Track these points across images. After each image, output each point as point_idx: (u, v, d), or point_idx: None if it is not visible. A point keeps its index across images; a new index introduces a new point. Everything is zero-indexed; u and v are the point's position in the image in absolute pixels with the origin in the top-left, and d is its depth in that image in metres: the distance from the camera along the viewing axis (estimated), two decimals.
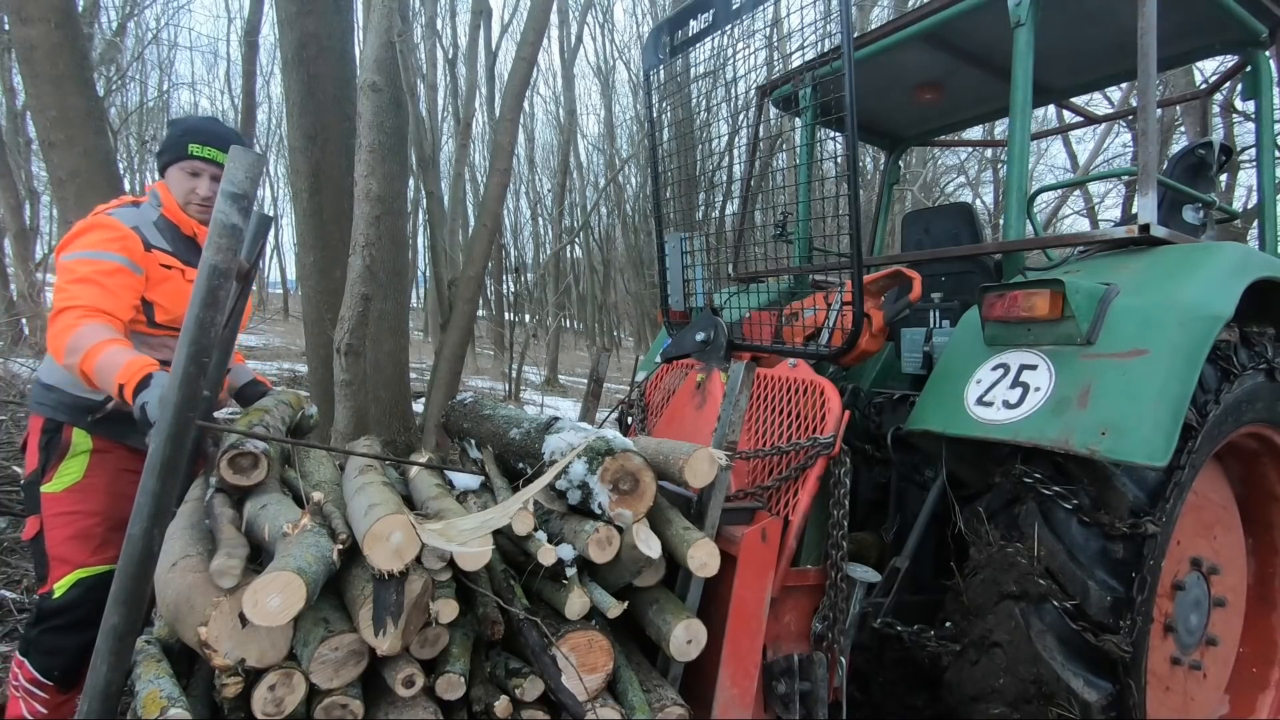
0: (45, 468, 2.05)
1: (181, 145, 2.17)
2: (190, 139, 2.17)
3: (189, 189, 2.19)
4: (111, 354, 1.79)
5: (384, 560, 1.32)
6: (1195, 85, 7.68)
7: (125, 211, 2.13)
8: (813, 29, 2.27)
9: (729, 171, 12.63)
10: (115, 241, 2.03)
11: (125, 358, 1.78)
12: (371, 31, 3.53)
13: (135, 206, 2.18)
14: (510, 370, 10.89)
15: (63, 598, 1.99)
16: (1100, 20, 2.62)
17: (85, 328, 1.85)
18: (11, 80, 9.39)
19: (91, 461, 2.07)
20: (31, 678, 1.98)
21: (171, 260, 2.17)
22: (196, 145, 2.16)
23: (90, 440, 2.07)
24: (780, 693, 1.93)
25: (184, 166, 2.17)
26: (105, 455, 2.09)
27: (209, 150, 2.18)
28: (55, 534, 2.02)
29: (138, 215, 2.15)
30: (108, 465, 2.09)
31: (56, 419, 2.06)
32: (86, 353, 1.79)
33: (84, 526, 2.03)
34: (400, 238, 5.29)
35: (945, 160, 14.88)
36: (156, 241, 2.14)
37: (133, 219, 2.11)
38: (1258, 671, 2.42)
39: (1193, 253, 2.04)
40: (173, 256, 2.17)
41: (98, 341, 1.81)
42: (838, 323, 2.32)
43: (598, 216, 20.63)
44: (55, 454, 2.05)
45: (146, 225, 2.15)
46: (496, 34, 15.43)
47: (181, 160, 2.17)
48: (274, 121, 21.25)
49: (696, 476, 1.71)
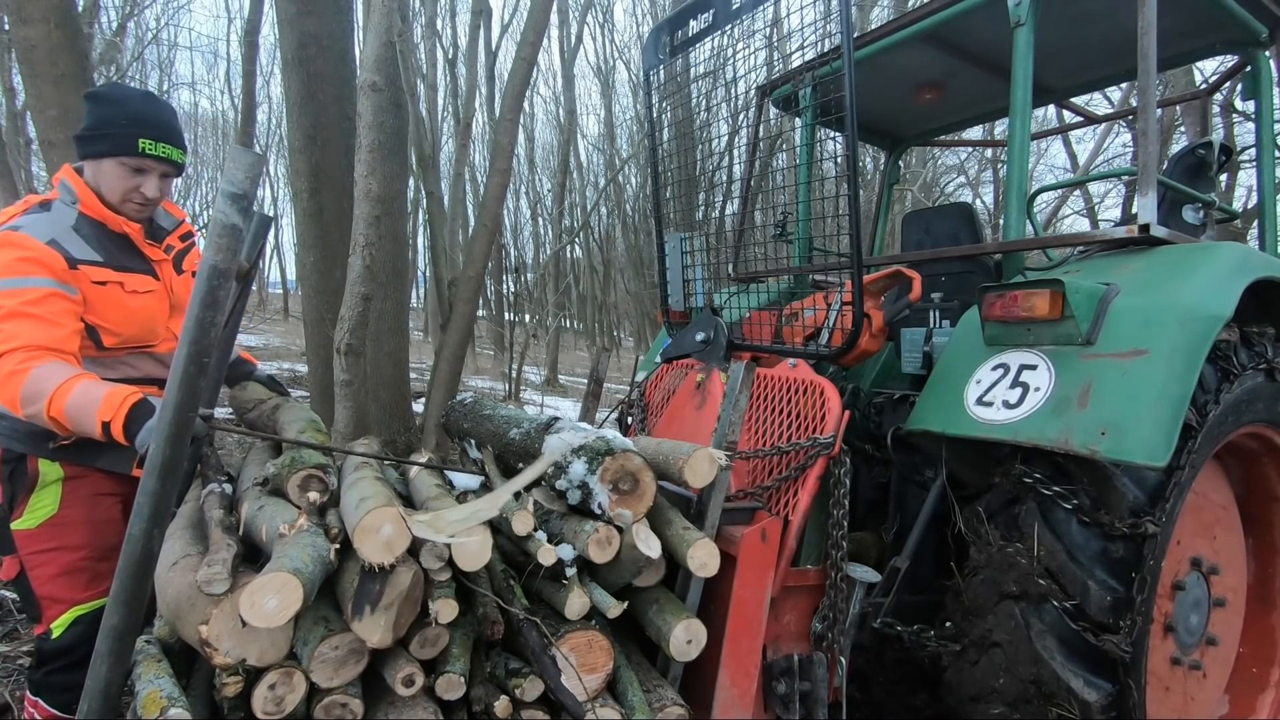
0: (13, 503, 1.84)
1: (128, 139, 1.84)
2: (140, 132, 1.84)
3: (130, 187, 1.88)
4: (82, 391, 1.60)
5: (374, 553, 1.32)
6: (1195, 85, 7.67)
7: (34, 221, 1.78)
8: (813, 29, 2.27)
9: (729, 171, 12.63)
10: (30, 262, 1.72)
11: (100, 392, 1.60)
12: (371, 31, 3.52)
13: (45, 210, 1.84)
14: (510, 370, 10.89)
15: (62, 638, 1.85)
16: (1100, 20, 2.62)
17: (36, 370, 1.62)
18: (11, 80, 9.38)
19: (65, 490, 1.87)
20: (50, 716, 1.88)
21: (105, 273, 1.85)
22: (149, 142, 1.85)
23: (59, 468, 1.86)
24: (780, 693, 1.93)
25: (128, 162, 1.86)
26: (78, 481, 1.89)
27: (163, 148, 1.88)
28: (39, 573, 1.85)
29: (51, 223, 1.80)
30: (82, 492, 1.89)
31: (14, 449, 1.83)
32: (51, 397, 1.59)
33: (69, 562, 1.85)
34: (400, 238, 5.29)
35: (945, 160, 14.89)
36: (82, 254, 1.82)
37: (46, 229, 1.78)
38: (1258, 671, 2.42)
39: (1193, 253, 2.03)
40: (105, 268, 1.86)
41: (60, 382, 1.60)
42: (838, 323, 2.32)
43: (598, 216, 20.62)
44: (22, 488, 1.84)
45: (65, 234, 1.81)
46: (496, 34, 15.45)
47: (126, 155, 1.85)
48: (274, 121, 21.24)
49: (696, 476, 1.71)
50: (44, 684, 1.89)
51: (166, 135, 1.89)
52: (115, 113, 1.85)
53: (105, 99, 1.88)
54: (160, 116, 1.90)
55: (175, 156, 1.92)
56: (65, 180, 1.89)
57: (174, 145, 1.91)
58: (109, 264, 1.88)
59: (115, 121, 1.84)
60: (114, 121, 1.84)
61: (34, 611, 1.89)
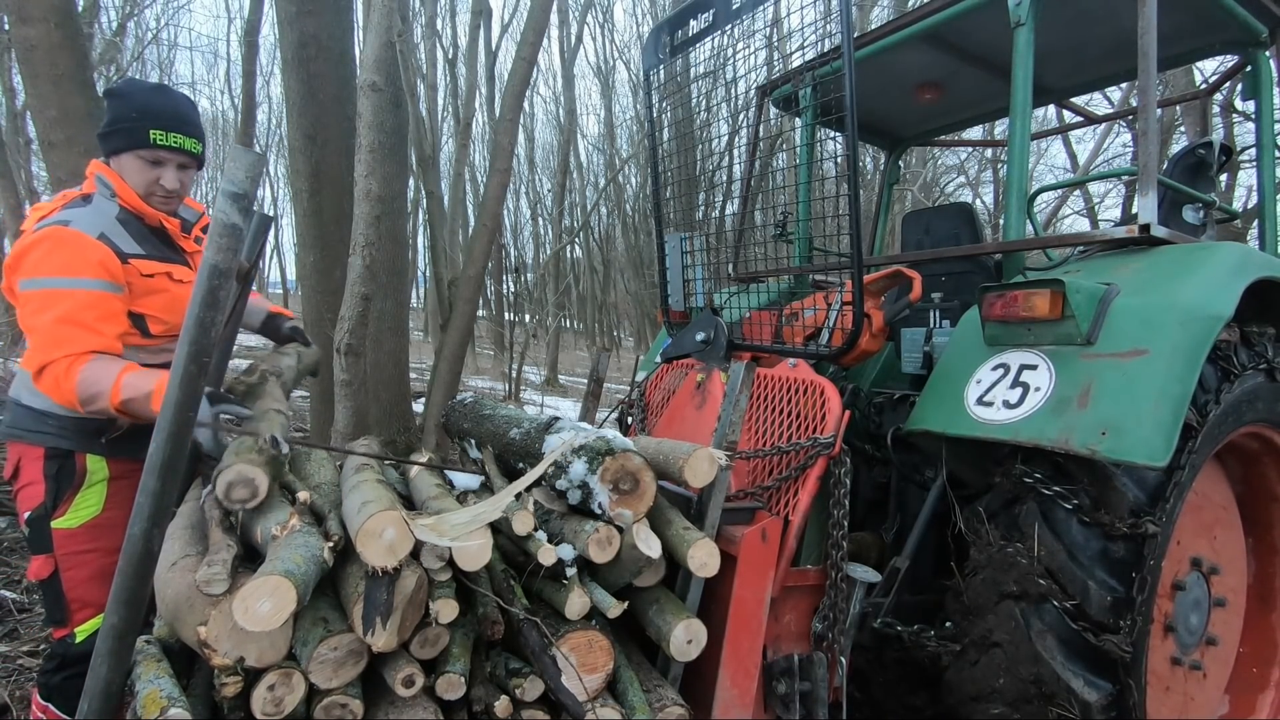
0: (57, 500, 1.83)
1: (140, 132, 1.84)
2: (150, 124, 1.84)
3: (151, 179, 1.89)
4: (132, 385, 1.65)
5: (377, 557, 1.32)
6: (1195, 85, 7.68)
7: (81, 215, 1.80)
8: (813, 29, 2.27)
9: (729, 171, 12.63)
10: (86, 263, 1.73)
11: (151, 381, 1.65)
12: (371, 31, 3.53)
13: (86, 203, 1.85)
14: (510, 370, 10.89)
15: (86, 643, 1.79)
16: (1100, 20, 2.62)
17: (89, 370, 1.66)
18: (11, 80, 9.38)
19: (110, 491, 1.88)
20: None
21: (153, 265, 1.89)
22: (159, 133, 1.84)
23: (107, 466, 1.87)
24: (780, 693, 1.93)
25: (144, 155, 1.86)
26: (122, 482, 1.88)
27: (174, 138, 1.86)
28: (74, 574, 1.83)
29: (97, 217, 1.82)
30: (126, 494, 1.85)
31: (62, 446, 1.84)
32: (111, 394, 1.65)
33: (106, 565, 1.80)
34: (400, 238, 5.30)
35: (945, 160, 14.89)
36: (129, 248, 1.85)
37: (94, 223, 1.80)
38: (1258, 671, 2.42)
39: (1193, 253, 2.04)
40: (152, 260, 1.90)
41: (112, 379, 1.65)
42: (838, 323, 2.32)
43: (598, 216, 20.64)
44: (68, 485, 1.84)
45: (112, 227, 1.83)
46: (496, 34, 15.44)
47: (141, 149, 1.85)
48: (274, 121, 21.27)
49: (696, 476, 1.71)
50: (59, 689, 1.84)
51: (178, 125, 1.87)
52: (126, 107, 1.86)
53: (117, 94, 1.89)
54: (171, 107, 1.89)
55: (188, 146, 1.90)
56: (100, 174, 1.90)
57: (186, 135, 1.89)
58: (154, 255, 1.91)
59: (127, 116, 1.85)
60: (126, 116, 1.85)
61: (60, 614, 1.86)
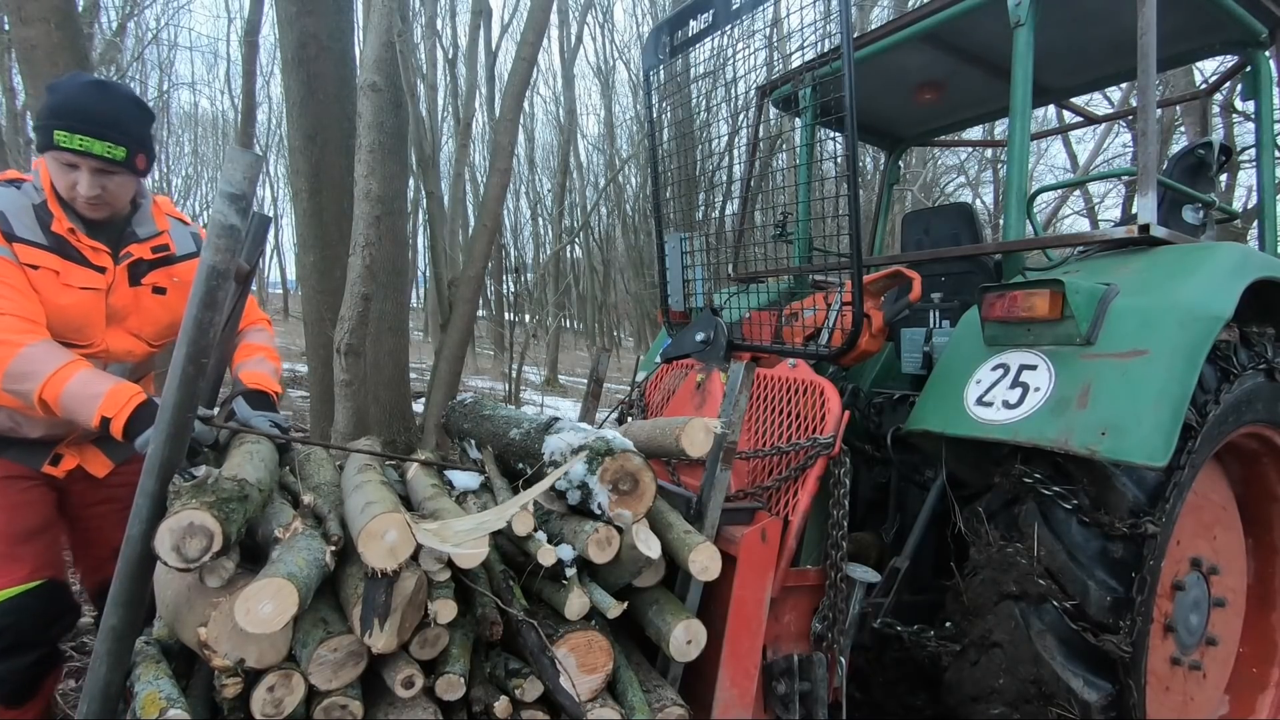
0: None
1: (45, 132, 1.67)
2: (54, 123, 1.66)
3: (68, 183, 1.73)
4: (82, 381, 1.58)
5: (378, 558, 1.32)
6: (1195, 85, 7.67)
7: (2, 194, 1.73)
8: (813, 29, 2.27)
9: (729, 171, 12.62)
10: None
11: (104, 386, 1.58)
12: (371, 31, 3.52)
13: (13, 186, 1.76)
14: (510, 370, 10.88)
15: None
16: (1100, 20, 2.62)
17: (30, 350, 1.58)
18: (11, 80, 9.37)
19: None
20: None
21: (42, 256, 1.74)
22: (63, 134, 1.65)
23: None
24: (780, 693, 1.93)
25: (55, 156, 1.70)
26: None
27: (79, 140, 1.65)
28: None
29: (13, 200, 1.73)
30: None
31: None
32: (47, 381, 1.56)
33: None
34: (400, 238, 5.30)
35: (945, 160, 14.88)
36: (24, 232, 1.71)
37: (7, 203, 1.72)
38: (1258, 671, 2.42)
39: (1192, 253, 2.03)
40: (44, 251, 1.74)
41: (59, 366, 1.57)
42: (837, 323, 2.32)
43: (598, 216, 20.62)
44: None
45: (19, 211, 1.73)
46: (496, 34, 15.42)
47: (49, 150, 1.68)
48: (274, 121, 21.24)
49: (694, 445, 1.72)
50: None
51: (88, 127, 1.66)
52: (43, 105, 1.70)
53: (46, 90, 1.74)
54: (85, 106, 1.67)
55: (98, 150, 1.68)
56: (37, 168, 1.80)
57: (98, 138, 1.67)
58: (50, 249, 1.75)
59: (41, 114, 1.70)
60: (40, 114, 1.71)
61: None
